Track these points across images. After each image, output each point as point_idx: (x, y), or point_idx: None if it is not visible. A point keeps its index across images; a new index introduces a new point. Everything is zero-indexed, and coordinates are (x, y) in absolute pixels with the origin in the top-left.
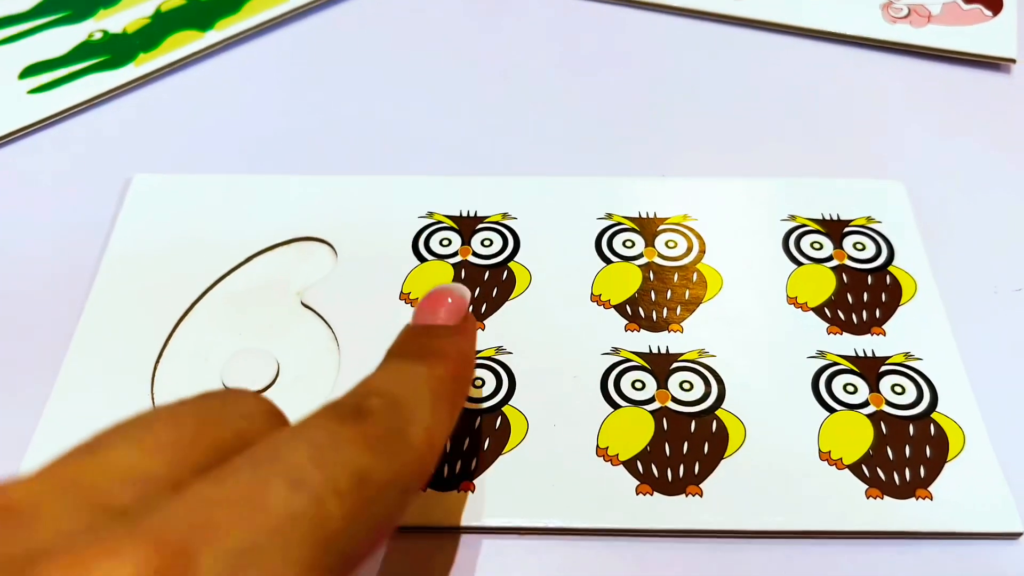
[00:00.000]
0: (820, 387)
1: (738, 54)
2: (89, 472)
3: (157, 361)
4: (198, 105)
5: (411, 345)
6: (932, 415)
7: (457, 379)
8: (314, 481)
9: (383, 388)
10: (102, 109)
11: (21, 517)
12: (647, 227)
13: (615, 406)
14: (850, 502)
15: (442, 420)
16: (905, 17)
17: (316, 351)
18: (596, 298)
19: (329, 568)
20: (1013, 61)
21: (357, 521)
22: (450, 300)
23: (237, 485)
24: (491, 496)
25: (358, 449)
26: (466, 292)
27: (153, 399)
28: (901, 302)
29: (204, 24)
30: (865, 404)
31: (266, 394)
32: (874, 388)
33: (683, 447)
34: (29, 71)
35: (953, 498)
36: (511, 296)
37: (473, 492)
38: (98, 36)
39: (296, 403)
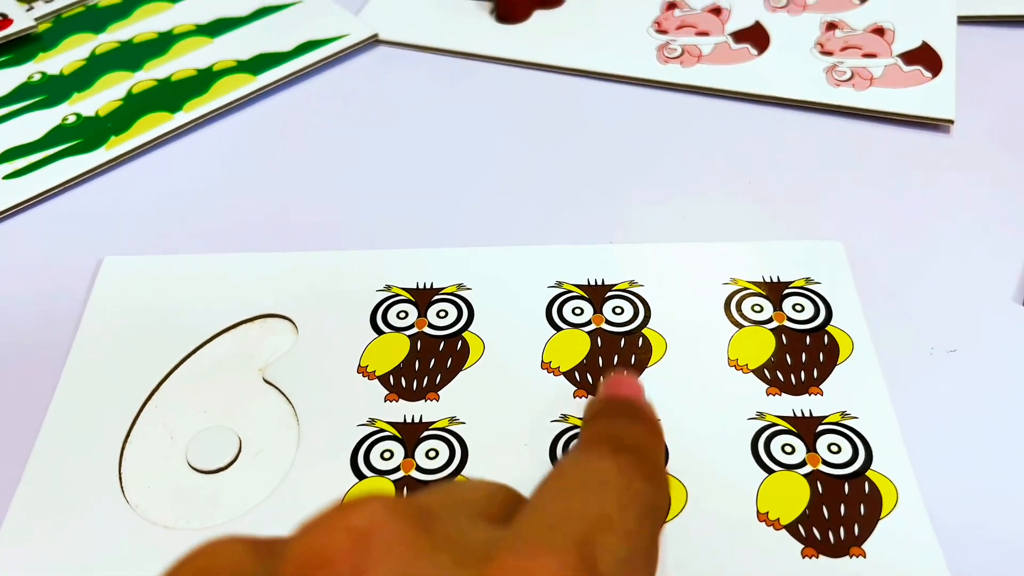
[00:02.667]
0: (759, 448)
1: (688, 121)
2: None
3: (125, 440)
4: (167, 185)
5: (614, 407)
6: (867, 473)
7: (660, 435)
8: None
9: (621, 433)
10: (75, 192)
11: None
12: (595, 294)
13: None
14: (787, 562)
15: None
16: (848, 80)
17: (277, 426)
18: (546, 365)
19: None
20: (951, 122)
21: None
22: (627, 384)
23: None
24: None
25: (643, 485)
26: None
27: (121, 479)
28: (838, 361)
29: (174, 106)
30: (802, 464)
31: (228, 470)
32: (811, 448)
33: None
34: (5, 156)
35: (886, 555)
36: (465, 366)
37: None
38: (72, 120)
39: (257, 477)
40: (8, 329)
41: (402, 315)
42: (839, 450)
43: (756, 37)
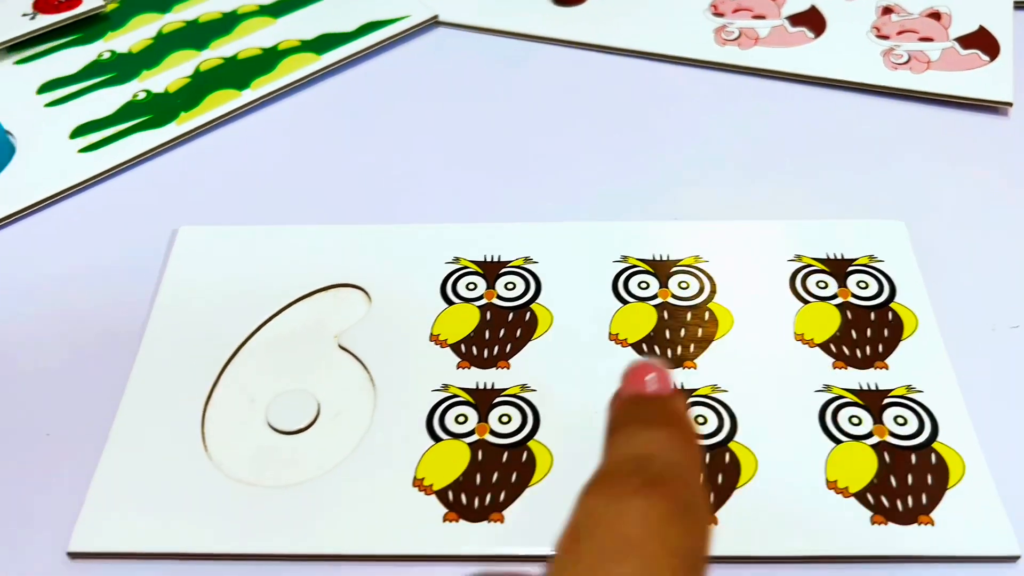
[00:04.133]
0: (827, 419)
1: (747, 103)
2: None
3: (206, 403)
4: (237, 160)
5: (640, 413)
6: (933, 445)
7: (694, 441)
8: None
9: (650, 454)
10: (147, 166)
11: None
12: (661, 269)
13: None
14: (856, 528)
15: (700, 481)
16: (905, 63)
17: (353, 390)
18: (614, 337)
19: None
20: (1010, 104)
21: None
22: (655, 373)
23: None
24: (519, 526)
25: (676, 531)
26: (664, 365)
27: (204, 439)
28: (903, 337)
29: (241, 84)
30: (869, 435)
31: (307, 432)
32: (878, 420)
33: (701, 478)
34: (79, 131)
35: (954, 524)
36: (534, 336)
37: (502, 523)
38: (142, 96)
39: (336, 439)
40: (86, 297)
41: (471, 287)
42: (905, 422)
43: (812, 21)
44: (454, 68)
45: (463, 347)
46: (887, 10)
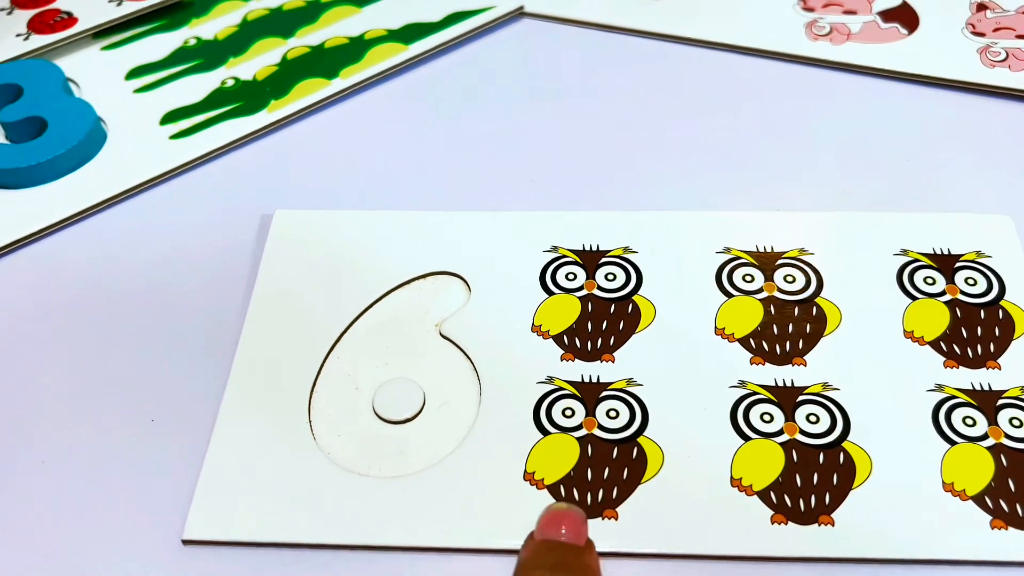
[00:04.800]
0: (940, 419)
1: (842, 98)
2: None
3: (312, 389)
4: (328, 148)
5: (550, 559)
6: None
7: None
8: None
9: None
10: (238, 153)
11: None
12: (765, 261)
13: (745, 438)
14: (975, 532)
15: None
16: (1003, 61)
17: (458, 381)
18: (720, 331)
19: None
20: None
21: None
22: (569, 522)
23: None
24: (633, 523)
25: None
26: (582, 513)
27: (311, 427)
28: (1014, 336)
29: (330, 73)
30: (984, 437)
31: (414, 422)
32: (992, 421)
33: (813, 478)
34: (169, 117)
35: None
36: (637, 329)
37: (616, 520)
38: (230, 83)
39: (443, 429)
40: (183, 283)
41: (571, 276)
42: (1021, 424)
43: (905, 17)
44: (540, 58)
45: (566, 339)
46: (981, 7)
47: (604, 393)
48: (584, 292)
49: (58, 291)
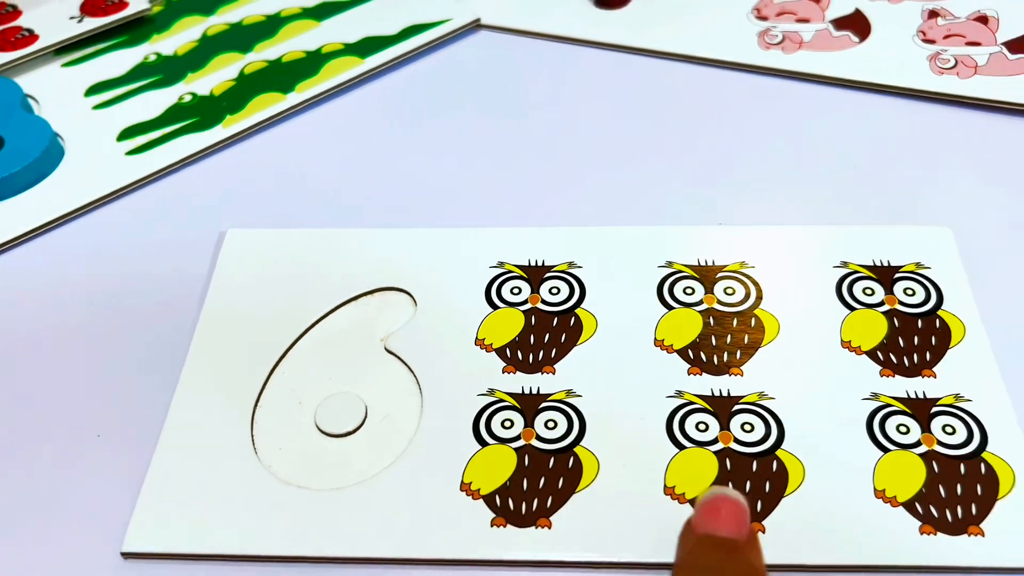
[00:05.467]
0: (874, 428)
1: (791, 107)
2: None
3: (255, 405)
4: (283, 163)
5: (712, 563)
6: (982, 454)
7: None
8: None
9: None
10: (193, 168)
11: None
12: (706, 274)
13: (680, 447)
14: (905, 538)
15: None
16: (952, 68)
17: (400, 393)
18: (659, 343)
19: None
20: None
21: None
22: (728, 511)
23: None
24: (566, 532)
25: None
26: (742, 501)
27: (254, 441)
28: (950, 345)
29: (285, 87)
30: (917, 444)
31: (355, 435)
32: (926, 428)
33: (746, 486)
34: (126, 134)
35: (1004, 535)
36: (579, 341)
37: (549, 528)
38: (188, 99)
39: (384, 442)
40: (135, 299)
41: (516, 291)
42: (954, 431)
43: (857, 24)
44: (496, 71)
45: (508, 352)
46: (933, 14)
47: (544, 404)
48: (528, 306)
49: (13, 307)
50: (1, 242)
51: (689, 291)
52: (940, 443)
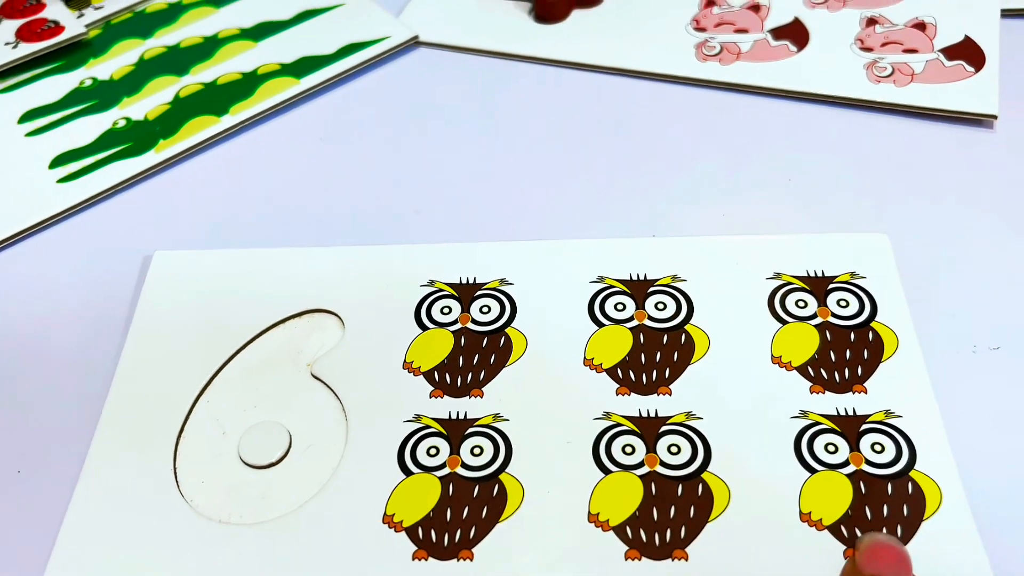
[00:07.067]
0: (802, 447)
1: (727, 118)
2: None
3: (179, 436)
4: (216, 187)
5: None
6: (910, 473)
7: None
8: None
9: None
10: (125, 195)
11: None
12: (637, 289)
13: (606, 471)
14: (829, 562)
15: None
16: (889, 76)
17: (325, 422)
18: (589, 362)
19: None
20: (995, 117)
21: None
22: (897, 559)
23: None
24: (488, 564)
25: None
26: (907, 552)
27: (176, 474)
28: (883, 358)
29: (220, 109)
30: (845, 463)
31: (279, 466)
32: (854, 447)
33: (670, 511)
34: (58, 161)
35: (929, 556)
36: (508, 362)
37: (471, 561)
38: (122, 124)
39: (308, 473)
40: (63, 327)
41: (446, 311)
42: (883, 449)
43: (795, 34)
44: (434, 89)
45: (436, 375)
46: (871, 21)
47: (470, 430)
48: (458, 326)
49: None
50: None
51: (620, 307)
52: (868, 462)
